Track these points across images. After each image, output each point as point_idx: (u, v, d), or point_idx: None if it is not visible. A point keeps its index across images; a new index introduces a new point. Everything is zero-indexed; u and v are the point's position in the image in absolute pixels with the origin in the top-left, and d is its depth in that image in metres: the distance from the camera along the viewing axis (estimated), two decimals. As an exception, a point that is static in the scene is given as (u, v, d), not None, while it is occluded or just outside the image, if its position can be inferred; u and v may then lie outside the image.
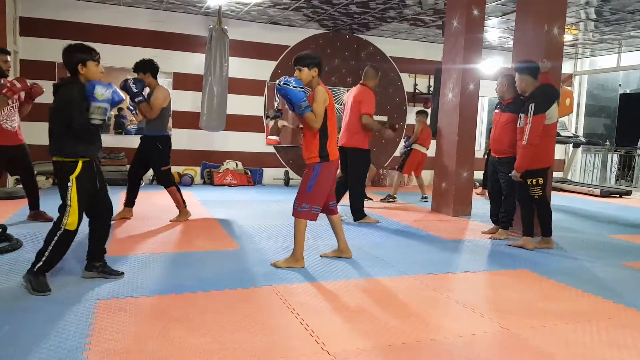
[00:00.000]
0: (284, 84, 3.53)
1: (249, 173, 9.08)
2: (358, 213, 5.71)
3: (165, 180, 5.29)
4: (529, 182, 4.63)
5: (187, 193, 7.60)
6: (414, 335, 2.62)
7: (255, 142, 9.27)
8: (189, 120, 8.73)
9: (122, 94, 3.23)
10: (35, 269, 3.04)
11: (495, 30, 8.92)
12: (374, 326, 2.72)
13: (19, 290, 3.04)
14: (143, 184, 8.14)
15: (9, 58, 4.82)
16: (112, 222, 5.13)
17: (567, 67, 11.38)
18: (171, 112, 5.32)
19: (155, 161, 5.23)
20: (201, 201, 6.91)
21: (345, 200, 5.88)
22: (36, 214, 5.05)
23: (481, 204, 7.15)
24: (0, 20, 6.82)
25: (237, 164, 9.01)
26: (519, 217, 4.95)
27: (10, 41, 7.07)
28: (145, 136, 5.22)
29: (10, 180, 6.97)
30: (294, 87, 3.53)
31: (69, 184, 3.07)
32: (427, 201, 7.57)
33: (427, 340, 2.56)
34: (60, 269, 3.46)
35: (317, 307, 2.97)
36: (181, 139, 8.76)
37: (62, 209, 3.09)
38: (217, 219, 5.67)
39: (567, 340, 2.64)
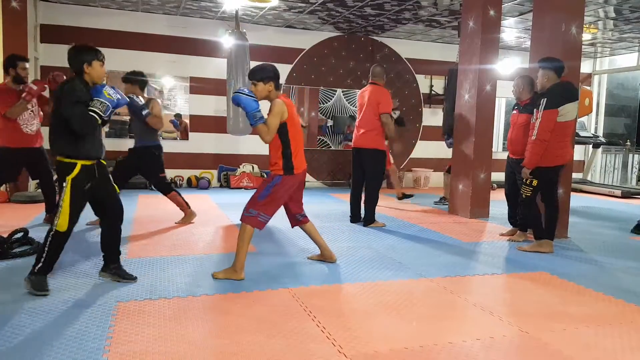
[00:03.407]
0: (236, 92, 3.40)
1: (265, 176, 9.12)
2: (370, 218, 5.60)
3: (164, 187, 5.34)
4: (524, 179, 4.56)
5: (204, 196, 7.68)
6: (432, 338, 2.60)
7: (271, 145, 9.29)
8: (206, 124, 8.81)
9: (126, 98, 3.27)
10: (35, 270, 3.08)
11: (512, 30, 8.82)
12: (391, 329, 2.71)
13: (41, 292, 3.10)
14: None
15: (27, 65, 4.92)
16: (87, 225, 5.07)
17: (586, 67, 11.21)
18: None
19: (151, 170, 5.27)
20: (218, 204, 6.97)
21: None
22: (51, 217, 5.13)
23: (499, 206, 7.06)
24: (22, 27, 6.98)
25: (253, 167, 9.06)
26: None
27: (31, 48, 7.22)
28: (137, 147, 5.23)
29: (32, 184, 7.11)
30: (246, 95, 3.37)
31: (64, 184, 3.07)
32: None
33: (445, 343, 2.54)
34: (80, 272, 3.53)
35: (334, 310, 2.97)
36: (198, 142, 8.86)
37: (56, 208, 3.10)
38: (233, 221, 5.70)
39: (587, 344, 2.60)
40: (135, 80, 5.10)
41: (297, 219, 3.88)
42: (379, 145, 5.51)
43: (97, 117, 3.04)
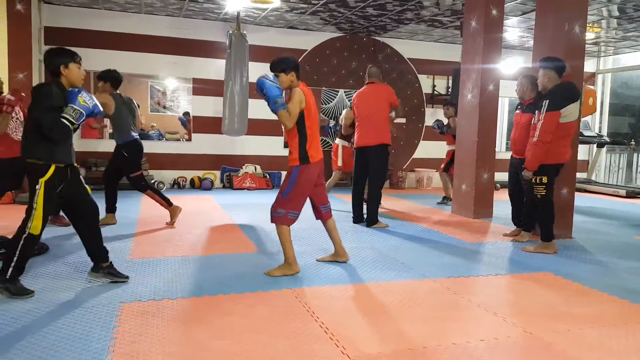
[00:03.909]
0: (261, 77, 3.47)
1: (268, 176, 9.13)
2: (373, 218, 5.60)
3: (138, 186, 5.29)
4: (532, 180, 4.54)
5: (207, 197, 7.70)
6: (435, 339, 2.59)
7: (274, 146, 9.32)
8: (209, 125, 8.82)
9: (101, 109, 3.24)
10: (8, 277, 3.02)
11: (514, 30, 8.80)
12: (394, 330, 2.71)
13: (44, 292, 3.11)
14: (164, 187, 8.27)
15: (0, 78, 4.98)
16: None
17: (589, 66, 11.17)
18: (135, 116, 5.37)
19: (124, 168, 5.25)
20: (221, 205, 6.98)
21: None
22: (54, 219, 5.14)
23: (502, 206, 7.05)
24: (26, 30, 7.01)
25: (255, 168, 9.07)
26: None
27: (35, 50, 7.25)
28: (116, 145, 5.27)
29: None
30: (271, 81, 3.45)
31: (37, 187, 3.03)
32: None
33: (449, 344, 2.54)
34: (84, 273, 3.52)
35: (336, 310, 2.97)
36: (201, 143, 8.88)
37: (28, 211, 3.05)
38: (236, 222, 5.71)
39: (592, 345, 2.59)
40: (106, 77, 5.15)
41: (322, 211, 3.87)
42: (386, 139, 5.53)
43: (69, 124, 3.01)
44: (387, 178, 5.76)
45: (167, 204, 5.38)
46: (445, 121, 7.70)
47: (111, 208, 5.38)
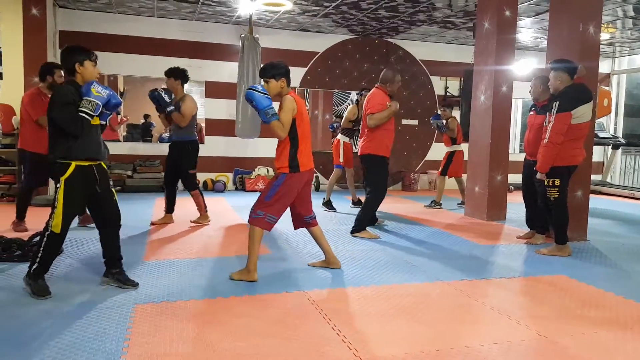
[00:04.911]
0: (249, 89, 3.39)
1: (279, 179, 9.14)
2: (358, 227, 5.15)
3: (191, 184, 5.49)
4: (545, 183, 4.49)
5: (219, 199, 7.73)
6: (448, 342, 2.58)
7: (286, 148, 9.31)
8: (221, 128, 8.88)
9: (120, 99, 3.26)
10: (32, 272, 3.08)
11: (528, 31, 8.73)
12: (407, 332, 2.70)
13: (59, 294, 3.14)
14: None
15: (63, 73, 5.03)
16: (151, 227, 5.34)
17: (604, 67, 11.04)
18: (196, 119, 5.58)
19: (183, 164, 5.41)
20: (233, 207, 7.01)
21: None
22: (85, 218, 5.15)
23: (516, 208, 6.99)
24: (42, 34, 7.12)
25: (268, 170, 9.10)
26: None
27: (50, 54, 7.35)
28: (174, 142, 5.42)
29: (52, 188, 7.23)
30: (260, 92, 3.36)
31: (57, 185, 3.06)
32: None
33: (461, 347, 2.52)
34: (98, 275, 3.56)
35: (349, 313, 2.97)
36: (214, 146, 8.92)
37: (51, 210, 3.08)
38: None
39: (607, 349, 2.56)
40: (176, 75, 5.29)
41: (306, 221, 3.79)
42: (372, 150, 5.11)
43: (87, 117, 3.03)
44: (384, 188, 5.25)
45: (205, 209, 5.59)
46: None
47: (170, 208, 5.55)
